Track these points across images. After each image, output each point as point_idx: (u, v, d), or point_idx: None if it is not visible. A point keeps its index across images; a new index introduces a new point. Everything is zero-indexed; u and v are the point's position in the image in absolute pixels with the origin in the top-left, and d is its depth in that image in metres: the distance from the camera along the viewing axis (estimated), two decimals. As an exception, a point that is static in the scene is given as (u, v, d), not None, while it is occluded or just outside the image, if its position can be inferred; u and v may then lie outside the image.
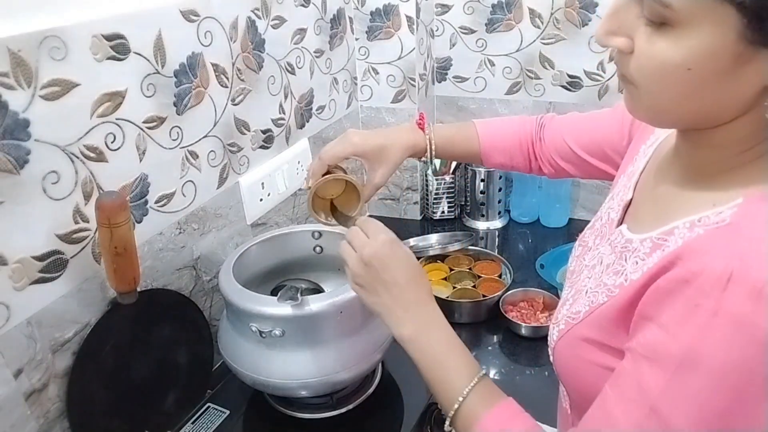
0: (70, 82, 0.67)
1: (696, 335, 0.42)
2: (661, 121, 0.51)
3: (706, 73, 0.43)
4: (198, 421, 0.88)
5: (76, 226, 0.71)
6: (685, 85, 0.44)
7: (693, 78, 0.43)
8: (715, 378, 0.41)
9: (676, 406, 0.43)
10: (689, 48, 0.42)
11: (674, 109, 0.47)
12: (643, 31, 0.44)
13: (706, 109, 0.45)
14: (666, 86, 0.45)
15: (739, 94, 0.44)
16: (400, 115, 1.37)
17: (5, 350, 0.64)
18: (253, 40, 0.98)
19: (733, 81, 0.43)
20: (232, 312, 0.82)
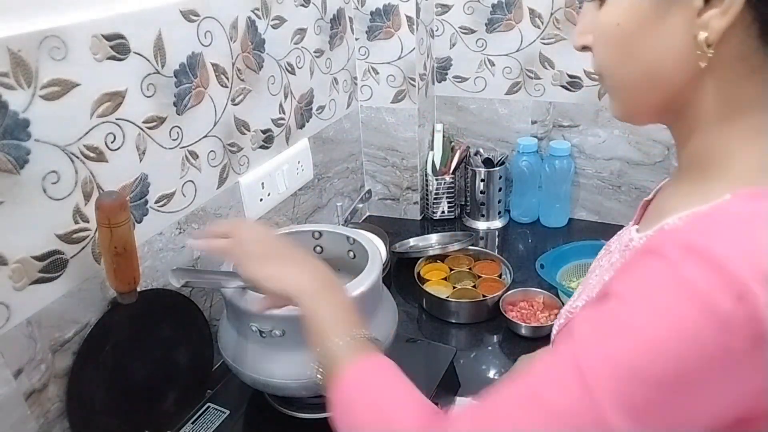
0: (70, 82, 0.67)
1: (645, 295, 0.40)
2: (629, 103, 0.51)
3: (634, 26, 0.46)
4: (198, 421, 0.88)
5: (76, 226, 0.71)
6: (620, 42, 0.48)
7: (624, 33, 0.47)
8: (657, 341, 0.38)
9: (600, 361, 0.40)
10: (615, 6, 0.47)
11: (629, 79, 0.49)
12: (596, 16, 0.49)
13: (652, 69, 0.47)
14: (608, 50, 0.49)
15: (672, 46, 0.45)
16: (400, 115, 1.37)
17: (5, 350, 0.64)
18: (253, 40, 0.98)
19: (662, 31, 0.45)
20: (232, 312, 0.82)
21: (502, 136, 1.44)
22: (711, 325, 0.36)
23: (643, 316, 0.39)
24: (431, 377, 0.92)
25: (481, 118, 1.44)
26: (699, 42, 0.43)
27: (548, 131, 1.39)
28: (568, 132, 1.36)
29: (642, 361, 0.38)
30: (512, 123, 1.41)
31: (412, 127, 1.38)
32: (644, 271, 0.41)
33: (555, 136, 1.38)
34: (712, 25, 0.42)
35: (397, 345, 0.87)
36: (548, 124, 1.38)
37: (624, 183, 1.35)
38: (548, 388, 0.42)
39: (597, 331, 0.41)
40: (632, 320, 0.39)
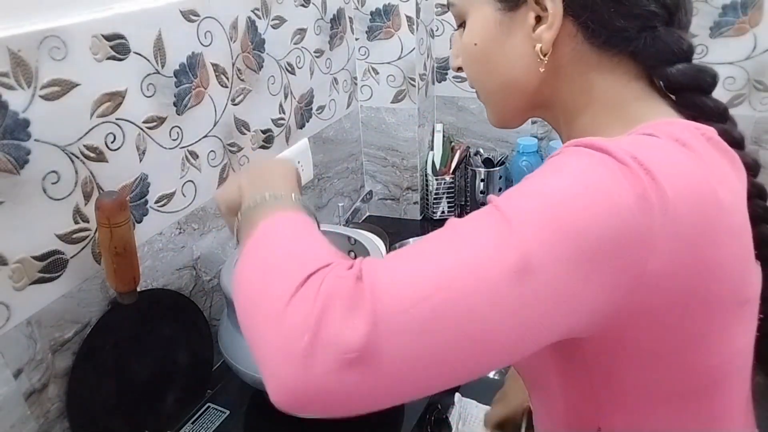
0: (70, 82, 0.67)
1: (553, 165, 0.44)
2: (499, 111, 0.59)
3: (487, 44, 0.54)
4: (198, 421, 0.88)
5: (76, 226, 0.71)
6: (479, 59, 0.56)
7: (481, 50, 0.55)
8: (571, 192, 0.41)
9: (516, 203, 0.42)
10: (471, 29, 0.55)
11: (491, 90, 0.57)
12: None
13: (508, 78, 0.55)
14: (471, 67, 0.57)
15: (521, 57, 0.53)
16: (400, 115, 1.37)
17: (5, 350, 0.64)
18: (253, 40, 0.98)
19: (510, 46, 0.53)
20: (232, 312, 0.82)
21: (502, 136, 1.44)
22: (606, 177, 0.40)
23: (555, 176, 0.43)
24: (431, 377, 0.92)
25: (481, 118, 1.44)
26: (536, 51, 0.51)
27: (548, 131, 1.38)
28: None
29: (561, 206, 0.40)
30: (512, 123, 1.41)
31: (412, 127, 1.38)
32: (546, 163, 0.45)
33: (555, 136, 1.38)
34: (544, 38, 0.50)
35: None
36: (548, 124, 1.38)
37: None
38: (469, 228, 0.42)
39: (515, 191, 0.43)
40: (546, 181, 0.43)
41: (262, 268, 0.44)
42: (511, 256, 0.39)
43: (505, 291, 0.39)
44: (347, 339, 0.37)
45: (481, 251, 0.40)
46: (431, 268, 0.40)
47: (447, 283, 0.39)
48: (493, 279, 0.39)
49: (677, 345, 0.45)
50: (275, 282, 0.41)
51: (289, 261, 0.43)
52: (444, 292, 0.38)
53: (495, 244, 0.40)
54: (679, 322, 0.44)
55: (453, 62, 0.61)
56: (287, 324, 0.38)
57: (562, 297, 0.40)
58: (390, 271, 0.40)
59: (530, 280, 0.39)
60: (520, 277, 0.38)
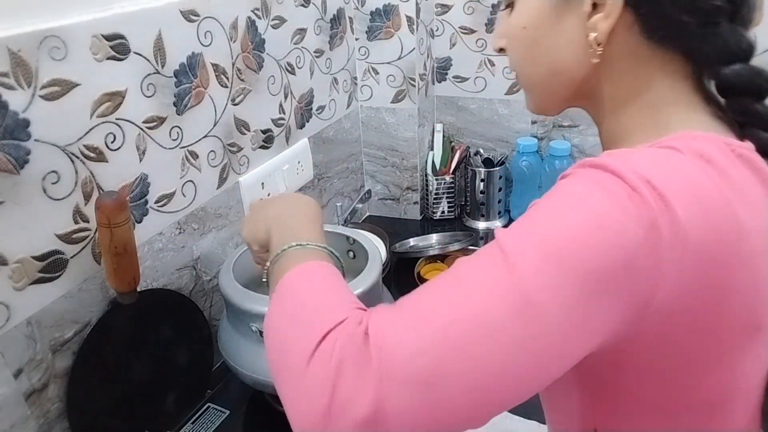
0: (70, 82, 0.67)
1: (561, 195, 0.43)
2: (541, 98, 0.58)
3: (538, 28, 0.52)
4: (198, 421, 0.88)
5: (76, 226, 0.71)
6: (527, 43, 0.54)
7: (530, 35, 0.53)
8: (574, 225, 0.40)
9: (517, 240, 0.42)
10: (521, 12, 0.54)
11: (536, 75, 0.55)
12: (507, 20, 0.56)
13: (555, 66, 0.53)
14: (517, 51, 0.55)
15: (571, 45, 0.51)
16: (400, 115, 1.37)
17: (5, 350, 0.64)
18: (253, 40, 0.98)
19: (561, 32, 0.51)
20: (232, 312, 0.82)
21: (502, 136, 1.44)
22: (612, 207, 0.40)
23: (557, 205, 0.42)
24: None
25: (481, 118, 1.44)
26: (590, 41, 0.49)
27: (548, 131, 1.39)
28: (568, 132, 1.36)
29: (557, 237, 0.40)
30: (512, 123, 1.41)
31: (412, 127, 1.38)
32: (555, 187, 0.45)
33: (555, 136, 1.38)
34: (599, 27, 0.48)
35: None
36: (548, 124, 1.38)
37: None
38: (471, 269, 0.43)
39: (516, 225, 0.43)
40: (547, 210, 0.43)
41: (286, 322, 0.47)
42: (512, 298, 0.39)
43: (509, 333, 0.39)
44: (359, 403, 0.39)
45: (483, 295, 0.40)
46: (434, 319, 0.41)
47: (449, 333, 0.39)
48: (496, 322, 0.39)
49: (683, 366, 0.45)
50: (298, 338, 0.45)
51: (310, 316, 0.46)
52: (449, 339, 0.39)
53: (496, 286, 0.40)
54: (686, 345, 0.44)
55: (496, 43, 0.58)
56: (308, 384, 0.42)
57: (567, 333, 0.40)
58: (394, 326, 0.41)
59: (533, 319, 0.39)
60: (522, 317, 0.39)
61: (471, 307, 0.40)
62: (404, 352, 0.39)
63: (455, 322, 0.40)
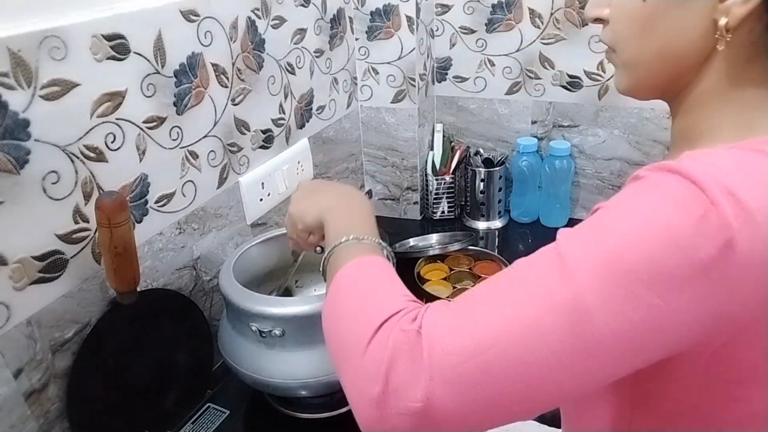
0: (70, 82, 0.67)
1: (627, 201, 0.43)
2: (639, 78, 0.53)
3: (658, 5, 0.48)
4: (198, 421, 0.88)
5: (76, 226, 0.71)
6: (643, 18, 0.49)
7: (647, 10, 0.49)
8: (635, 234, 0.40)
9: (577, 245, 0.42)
10: None
11: (643, 54, 0.51)
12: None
13: (668, 48, 0.49)
14: (629, 25, 0.51)
15: (691, 27, 0.47)
16: (400, 115, 1.37)
17: (5, 350, 0.64)
18: (253, 40, 0.98)
19: (682, 12, 0.47)
20: (232, 312, 0.82)
21: (502, 136, 1.44)
22: (685, 224, 0.38)
23: (624, 214, 0.42)
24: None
25: (481, 118, 1.44)
26: (720, 27, 0.45)
27: (548, 131, 1.39)
28: (568, 132, 1.36)
29: (621, 250, 0.39)
30: (512, 123, 1.41)
31: (412, 127, 1.38)
32: (625, 192, 0.44)
33: (555, 136, 1.38)
34: (733, 12, 0.44)
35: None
36: (548, 124, 1.38)
37: (624, 183, 1.35)
38: (527, 272, 0.43)
39: (579, 229, 0.43)
40: (613, 218, 0.42)
41: (344, 310, 0.50)
42: (567, 308, 0.39)
43: (560, 343, 0.39)
44: (410, 393, 0.42)
45: (537, 302, 0.41)
46: (486, 323, 0.42)
47: (501, 336, 0.41)
48: (548, 331, 0.40)
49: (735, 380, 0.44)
50: (355, 326, 0.47)
51: (367, 305, 0.49)
52: (498, 345, 0.40)
53: (551, 294, 0.40)
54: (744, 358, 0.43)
55: (594, 11, 0.54)
56: (365, 370, 0.44)
57: (621, 350, 0.40)
58: (447, 326, 0.43)
59: (586, 333, 0.39)
60: (575, 329, 0.39)
61: (524, 313, 0.41)
62: (455, 354, 0.41)
63: (507, 328, 0.41)
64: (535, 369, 0.40)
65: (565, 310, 0.39)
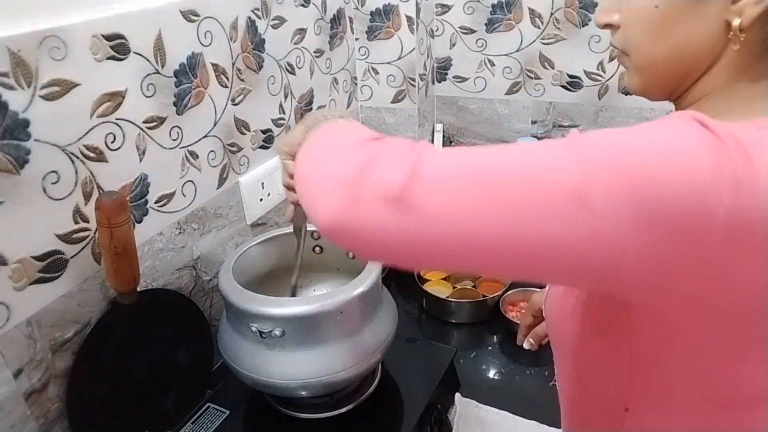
0: (70, 82, 0.67)
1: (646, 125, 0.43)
2: (651, 79, 0.54)
3: (671, 9, 0.48)
4: (198, 421, 0.88)
5: (76, 226, 0.71)
6: (656, 23, 0.50)
7: (660, 15, 0.49)
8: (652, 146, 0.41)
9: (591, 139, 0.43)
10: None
11: (656, 56, 0.51)
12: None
13: (680, 48, 0.50)
14: (642, 30, 0.51)
15: (704, 29, 0.48)
16: (400, 115, 1.37)
17: (5, 350, 0.64)
18: (253, 40, 0.98)
19: (695, 15, 0.48)
20: (232, 312, 0.82)
21: (502, 136, 1.44)
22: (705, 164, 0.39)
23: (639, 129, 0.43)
24: (431, 377, 0.92)
25: (481, 118, 1.44)
26: (733, 27, 0.46)
27: (548, 131, 1.39)
28: (568, 132, 1.36)
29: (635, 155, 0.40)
30: (512, 123, 1.41)
31: (412, 127, 1.38)
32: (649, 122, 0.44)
33: (555, 136, 1.38)
34: (747, 12, 0.45)
35: (397, 345, 0.87)
36: (548, 124, 1.38)
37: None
38: (536, 143, 0.44)
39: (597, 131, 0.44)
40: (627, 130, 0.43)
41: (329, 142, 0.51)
42: (569, 179, 0.40)
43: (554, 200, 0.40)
44: (389, 179, 0.42)
45: (542, 163, 0.42)
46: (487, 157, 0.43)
47: (498, 168, 0.42)
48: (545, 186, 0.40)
49: (728, 347, 0.44)
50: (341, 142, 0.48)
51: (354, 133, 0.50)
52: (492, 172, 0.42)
53: (557, 161, 0.41)
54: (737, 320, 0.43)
55: (604, 17, 0.54)
56: (344, 161, 0.45)
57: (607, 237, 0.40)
58: (441, 151, 0.44)
59: (580, 207, 0.39)
60: (570, 198, 0.40)
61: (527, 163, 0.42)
62: (447, 164, 0.43)
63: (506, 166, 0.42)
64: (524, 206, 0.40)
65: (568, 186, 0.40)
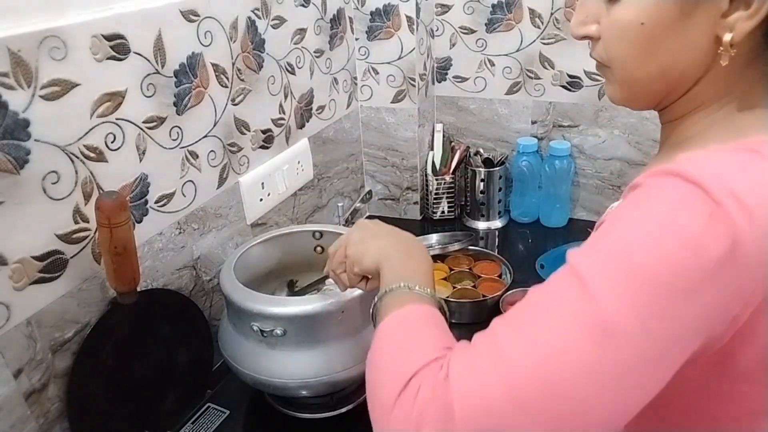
0: (70, 82, 0.67)
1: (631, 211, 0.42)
2: (636, 93, 0.53)
3: (658, 26, 0.47)
4: (198, 421, 0.88)
5: (76, 226, 0.71)
6: (642, 40, 0.48)
7: (647, 32, 0.47)
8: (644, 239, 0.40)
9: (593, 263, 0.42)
10: (637, 5, 0.47)
11: (642, 73, 0.50)
12: (605, 9, 0.50)
13: (667, 65, 0.49)
14: (627, 47, 0.49)
15: (693, 45, 0.47)
16: (400, 115, 1.37)
17: (5, 350, 0.64)
18: (253, 40, 0.98)
19: (683, 31, 0.46)
20: (233, 311, 0.82)
21: (502, 136, 1.44)
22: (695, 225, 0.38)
23: (633, 223, 0.41)
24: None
25: (481, 118, 1.44)
26: (724, 43, 0.45)
27: (548, 131, 1.39)
28: (568, 132, 1.36)
29: (639, 260, 0.39)
30: (512, 123, 1.41)
31: (412, 127, 1.38)
32: (626, 201, 0.44)
33: (555, 136, 1.38)
34: (738, 27, 0.44)
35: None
36: (548, 124, 1.38)
37: (624, 183, 1.35)
38: (546, 301, 0.43)
39: (590, 246, 0.43)
40: (623, 230, 0.42)
41: (380, 363, 0.50)
42: (594, 329, 0.38)
43: (594, 365, 0.38)
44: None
45: (563, 329, 0.40)
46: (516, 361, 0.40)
47: (531, 374, 0.39)
48: (580, 356, 0.38)
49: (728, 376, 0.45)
50: (386, 379, 0.47)
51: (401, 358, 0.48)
52: (532, 385, 0.39)
53: (576, 318, 0.40)
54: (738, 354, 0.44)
55: (580, 29, 0.53)
56: (393, 425, 0.44)
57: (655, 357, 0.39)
58: (475, 372, 0.41)
59: (617, 345, 0.38)
60: (604, 345, 0.38)
61: (553, 343, 0.39)
62: (487, 401, 0.39)
63: (538, 363, 0.39)
64: (574, 397, 0.38)
65: (594, 331, 0.38)
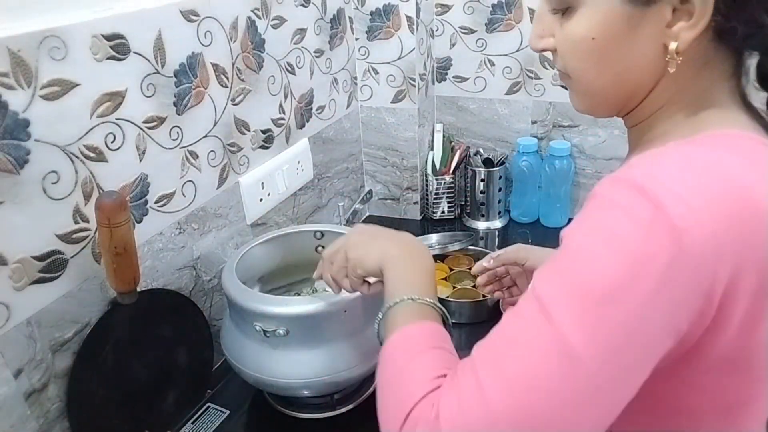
0: (70, 82, 0.67)
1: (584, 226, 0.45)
2: (596, 102, 0.55)
3: (608, 39, 0.49)
4: (198, 421, 0.88)
5: (76, 226, 0.71)
6: (595, 53, 0.50)
7: (598, 46, 0.49)
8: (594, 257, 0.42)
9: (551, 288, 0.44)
10: (587, 20, 0.49)
11: (599, 84, 0.52)
12: (558, 23, 0.52)
13: (623, 75, 0.51)
14: (582, 60, 0.51)
15: (644, 55, 0.49)
16: (400, 115, 1.37)
17: (5, 350, 0.64)
18: (253, 40, 0.98)
19: (635, 42, 0.48)
20: (235, 311, 0.82)
21: (502, 136, 1.44)
22: (637, 236, 0.40)
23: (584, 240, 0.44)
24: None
25: (481, 118, 1.44)
26: (670, 51, 0.47)
27: (548, 131, 1.39)
28: (568, 132, 1.36)
29: (589, 281, 0.42)
30: (512, 123, 1.41)
31: (412, 127, 1.38)
32: (583, 212, 0.46)
33: (555, 136, 1.38)
34: (682, 37, 0.46)
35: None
36: (548, 124, 1.38)
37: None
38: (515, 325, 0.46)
39: (550, 266, 0.45)
40: (576, 248, 0.45)
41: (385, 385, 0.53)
42: (553, 349, 0.41)
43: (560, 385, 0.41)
44: None
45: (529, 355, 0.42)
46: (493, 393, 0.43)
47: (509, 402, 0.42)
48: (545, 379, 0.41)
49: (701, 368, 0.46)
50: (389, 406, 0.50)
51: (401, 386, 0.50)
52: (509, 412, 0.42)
53: (538, 341, 0.42)
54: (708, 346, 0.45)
55: (539, 42, 0.55)
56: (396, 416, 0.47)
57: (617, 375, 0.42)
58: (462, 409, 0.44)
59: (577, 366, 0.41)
60: (565, 367, 0.41)
61: (523, 373, 0.42)
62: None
63: (514, 395, 0.42)
64: (548, 424, 0.41)
65: (556, 356, 0.41)
